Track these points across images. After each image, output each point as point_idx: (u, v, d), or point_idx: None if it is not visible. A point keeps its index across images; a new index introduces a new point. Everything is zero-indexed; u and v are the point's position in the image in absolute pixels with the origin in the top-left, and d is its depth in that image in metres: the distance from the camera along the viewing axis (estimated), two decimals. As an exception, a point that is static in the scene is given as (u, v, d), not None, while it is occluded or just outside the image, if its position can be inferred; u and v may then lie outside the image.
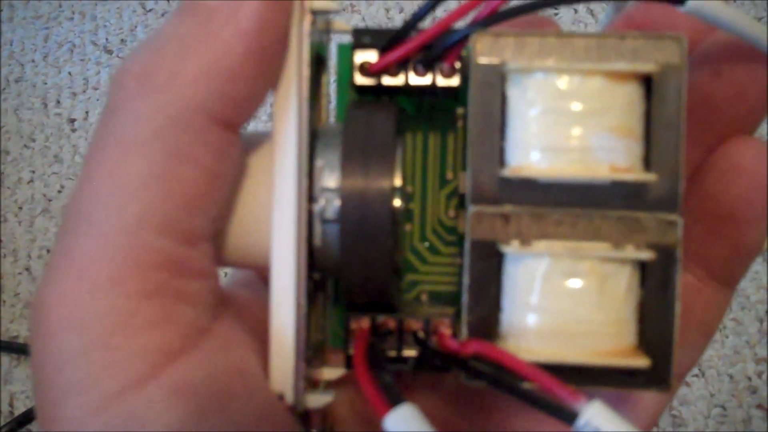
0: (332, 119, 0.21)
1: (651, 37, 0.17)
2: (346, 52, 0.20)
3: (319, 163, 0.18)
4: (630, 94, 0.17)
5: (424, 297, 0.20)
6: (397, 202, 0.17)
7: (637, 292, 0.17)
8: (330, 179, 0.17)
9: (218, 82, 0.16)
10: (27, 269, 0.60)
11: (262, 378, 0.17)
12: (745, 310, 0.51)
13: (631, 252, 0.17)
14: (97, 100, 0.67)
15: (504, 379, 0.16)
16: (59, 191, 0.63)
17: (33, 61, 0.71)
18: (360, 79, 0.18)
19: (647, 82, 0.17)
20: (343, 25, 0.19)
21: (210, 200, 0.16)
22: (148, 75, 0.16)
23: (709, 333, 0.21)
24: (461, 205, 0.19)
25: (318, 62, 0.19)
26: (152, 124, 0.16)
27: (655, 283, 0.17)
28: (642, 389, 0.17)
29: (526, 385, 0.16)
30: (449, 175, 0.20)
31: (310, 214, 0.17)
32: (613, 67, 0.17)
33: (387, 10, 0.71)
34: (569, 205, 0.17)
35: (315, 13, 0.17)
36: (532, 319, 0.17)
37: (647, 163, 0.17)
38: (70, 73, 0.69)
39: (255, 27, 0.16)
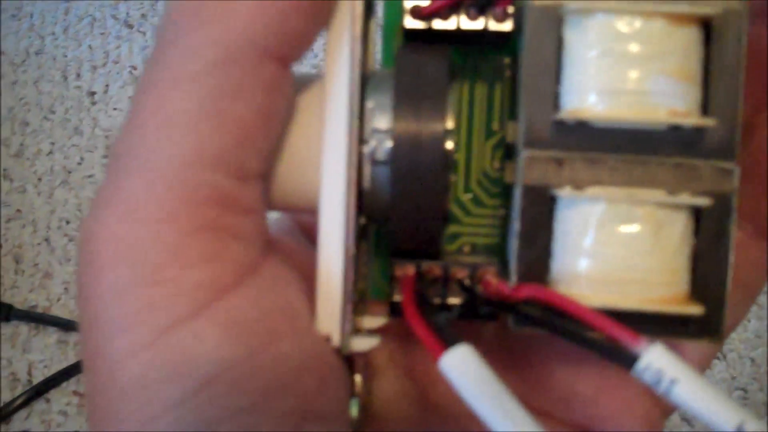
0: (377, 66, 0.20)
1: None
2: (393, 4, 0.19)
3: (369, 104, 0.17)
4: (690, 38, 0.17)
5: (466, 249, 0.20)
6: (449, 145, 0.17)
7: (691, 241, 0.17)
8: (381, 121, 0.17)
9: (272, 16, 0.16)
10: (46, 240, 0.60)
11: (309, 319, 0.17)
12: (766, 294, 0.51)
13: (688, 198, 0.17)
14: (117, 73, 0.67)
15: (558, 323, 0.16)
16: (79, 163, 0.63)
17: (53, 33, 0.71)
18: (410, 23, 0.18)
19: (707, 27, 0.17)
20: None
21: (262, 138, 0.16)
22: (200, 8, 0.16)
23: (754, 293, 0.21)
24: (507, 156, 0.19)
25: (367, 6, 0.18)
26: (204, 58, 0.15)
27: (709, 232, 0.17)
28: (695, 339, 0.17)
29: (583, 329, 0.16)
30: (495, 126, 0.20)
31: (360, 156, 0.17)
32: (674, 9, 0.16)
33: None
34: (625, 151, 0.17)
35: None
36: (584, 265, 0.17)
37: (705, 110, 0.17)
38: (90, 47, 0.69)
39: None
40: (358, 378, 0.17)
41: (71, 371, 0.54)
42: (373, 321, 0.19)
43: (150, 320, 0.15)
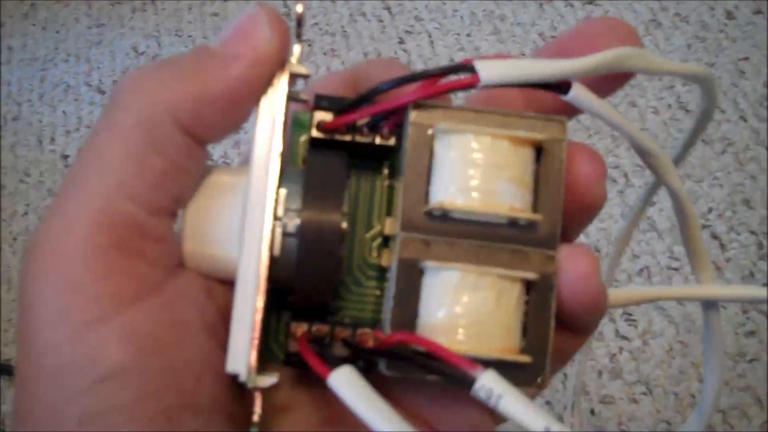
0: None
1: (542, 117, 0.22)
2: (299, 121, 0.24)
3: (282, 192, 0.22)
4: (526, 156, 0.22)
5: (347, 321, 0.24)
6: (344, 224, 0.22)
7: (522, 308, 0.22)
8: (293, 203, 0.22)
9: (194, 104, 0.21)
10: (21, 296, 0.63)
11: (197, 333, 0.21)
12: (691, 333, 0.55)
13: (521, 273, 0.22)
14: (90, 137, 0.71)
15: (419, 361, 0.20)
16: (53, 223, 0.66)
17: (29, 100, 0.75)
18: (316, 133, 0.23)
19: (538, 149, 0.22)
20: (302, 96, 0.23)
21: (173, 184, 0.21)
22: (141, 84, 0.21)
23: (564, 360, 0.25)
24: (384, 245, 0.24)
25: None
26: (135, 119, 0.21)
27: (536, 302, 0.22)
28: (523, 385, 0.21)
29: (435, 363, 0.20)
30: (374, 221, 0.24)
31: (274, 228, 0.22)
32: (515, 134, 0.22)
33: (365, 54, 0.76)
34: (475, 237, 0.22)
35: (293, 75, 0.22)
36: (441, 320, 0.21)
37: (535, 210, 0.22)
38: (64, 112, 0.73)
39: (241, 76, 0.21)
40: (257, 408, 0.21)
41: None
42: (268, 379, 0.22)
43: (69, 320, 0.20)
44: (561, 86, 0.22)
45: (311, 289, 0.22)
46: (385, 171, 0.24)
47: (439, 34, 0.75)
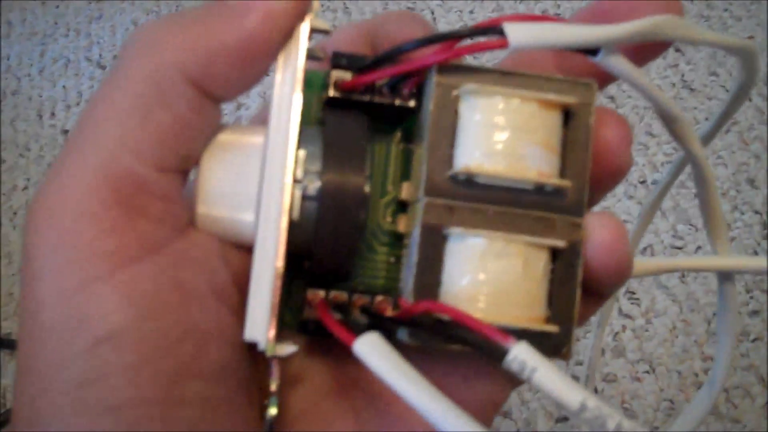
0: None
1: (571, 80, 0.21)
2: (309, 80, 0.23)
3: (301, 153, 0.21)
4: (554, 119, 0.21)
5: (360, 288, 0.23)
6: (367, 188, 0.21)
7: (548, 276, 0.21)
8: (313, 165, 0.21)
9: (205, 57, 0.20)
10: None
11: (201, 296, 0.20)
12: (694, 312, 0.55)
13: (549, 240, 0.21)
14: (90, 112, 0.70)
15: (444, 331, 0.20)
16: (53, 198, 0.66)
17: (29, 75, 0.74)
18: (333, 93, 0.22)
19: (566, 113, 0.22)
20: (318, 52, 0.23)
21: (181, 141, 0.20)
22: (151, 36, 0.20)
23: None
24: (400, 210, 0.23)
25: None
26: (143, 74, 0.20)
27: (562, 271, 0.21)
28: (548, 356, 0.21)
29: (462, 333, 0.20)
30: (389, 186, 0.24)
31: (293, 191, 0.21)
32: (545, 97, 0.21)
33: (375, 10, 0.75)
34: (501, 204, 0.21)
35: (312, 30, 0.21)
36: (466, 289, 0.21)
37: (562, 175, 0.21)
38: (64, 87, 0.73)
39: (254, 29, 0.20)
40: (275, 378, 0.21)
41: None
42: (287, 348, 0.21)
43: (67, 277, 0.19)
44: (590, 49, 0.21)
45: (330, 255, 0.21)
46: (398, 135, 0.24)
47: (442, 11, 0.75)
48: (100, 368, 0.19)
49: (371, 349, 0.19)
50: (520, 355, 0.19)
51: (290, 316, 0.24)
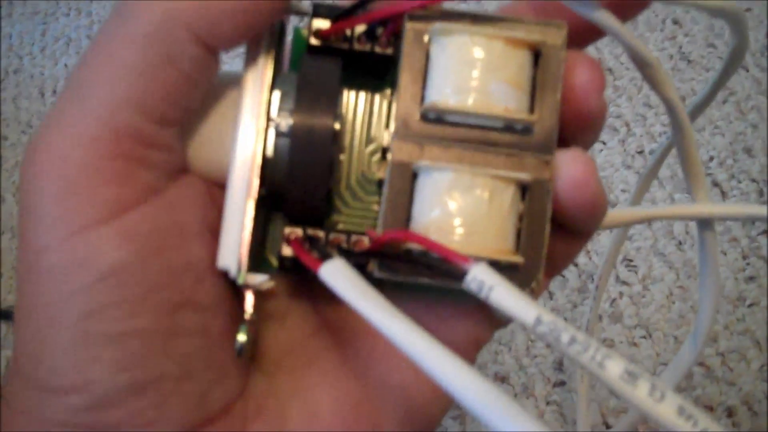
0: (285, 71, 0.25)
1: (542, 22, 0.22)
2: (300, 36, 0.24)
3: (277, 92, 0.22)
4: (523, 58, 0.22)
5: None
6: (337, 125, 0.22)
7: (517, 209, 0.22)
8: (287, 103, 0.22)
9: (213, 15, 0.20)
10: (24, 244, 0.64)
11: (197, 235, 0.21)
12: (691, 278, 0.55)
13: (514, 173, 0.21)
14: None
15: (410, 258, 0.20)
16: (55, 173, 0.66)
17: (31, 54, 0.75)
18: (314, 41, 0.23)
19: (536, 53, 0.22)
20: (303, 7, 0.23)
21: (185, 97, 0.21)
22: None
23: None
24: (383, 158, 0.24)
25: (281, 29, 0.23)
26: (148, 27, 0.20)
27: (532, 207, 0.22)
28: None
29: (428, 258, 0.20)
30: (375, 136, 0.24)
31: (267, 127, 0.22)
32: (512, 35, 0.22)
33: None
34: (470, 141, 0.22)
35: None
36: (434, 221, 0.21)
37: (531, 113, 0.22)
38: (66, 65, 0.73)
39: None
40: (248, 307, 0.21)
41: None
42: (258, 277, 0.22)
43: (68, 222, 0.20)
44: None
45: (303, 192, 0.22)
46: (388, 91, 0.24)
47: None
48: (102, 301, 0.20)
49: (336, 274, 0.20)
50: (479, 275, 0.19)
51: (273, 258, 0.24)
